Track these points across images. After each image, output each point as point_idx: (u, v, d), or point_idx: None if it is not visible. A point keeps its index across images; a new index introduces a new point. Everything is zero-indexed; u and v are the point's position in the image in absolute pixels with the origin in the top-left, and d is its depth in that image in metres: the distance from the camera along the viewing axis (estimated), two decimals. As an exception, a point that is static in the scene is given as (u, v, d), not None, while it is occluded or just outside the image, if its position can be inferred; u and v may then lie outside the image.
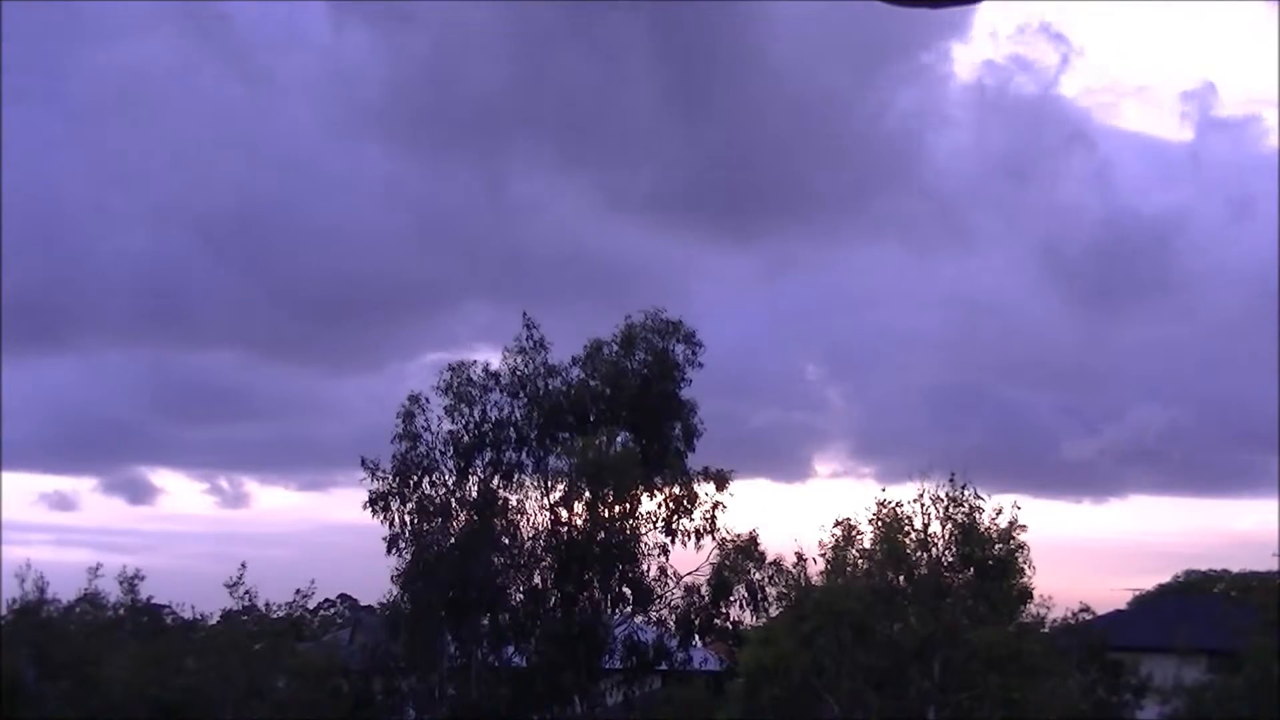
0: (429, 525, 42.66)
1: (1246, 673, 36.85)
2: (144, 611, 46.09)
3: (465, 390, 43.40)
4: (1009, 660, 33.38)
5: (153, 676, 41.16)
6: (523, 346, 44.14)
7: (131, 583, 44.42)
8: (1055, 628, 40.16)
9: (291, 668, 42.50)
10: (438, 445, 43.19)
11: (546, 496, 43.25)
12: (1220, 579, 70.50)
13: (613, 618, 43.62)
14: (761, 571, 41.66)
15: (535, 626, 42.64)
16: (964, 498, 34.98)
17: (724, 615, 43.34)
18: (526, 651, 42.75)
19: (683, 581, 43.36)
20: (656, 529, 42.96)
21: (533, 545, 42.87)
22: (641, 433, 43.45)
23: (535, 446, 43.86)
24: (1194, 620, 43.28)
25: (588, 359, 44.63)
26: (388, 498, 42.75)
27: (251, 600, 43.18)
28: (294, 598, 45.13)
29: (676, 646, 43.56)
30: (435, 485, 43.07)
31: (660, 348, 44.32)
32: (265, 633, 43.08)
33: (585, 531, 42.46)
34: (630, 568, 42.78)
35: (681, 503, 43.01)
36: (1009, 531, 34.81)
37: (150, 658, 41.65)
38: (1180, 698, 39.36)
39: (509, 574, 42.58)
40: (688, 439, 44.43)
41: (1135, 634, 47.18)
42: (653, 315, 44.58)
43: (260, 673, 41.67)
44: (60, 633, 43.96)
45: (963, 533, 34.81)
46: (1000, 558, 34.82)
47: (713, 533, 42.85)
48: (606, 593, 43.14)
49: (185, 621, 46.58)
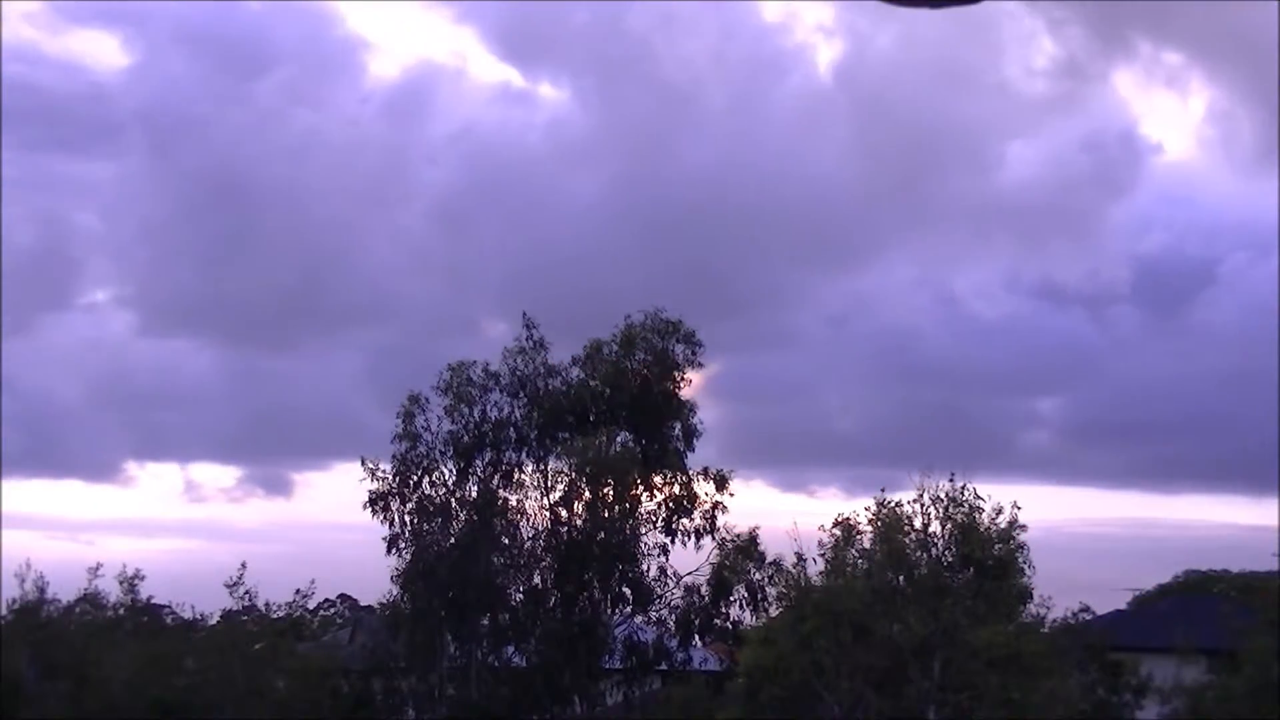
0: (429, 525, 42.67)
1: (1246, 673, 36.84)
2: (144, 611, 46.03)
3: (465, 390, 43.41)
4: (1009, 660, 33.38)
5: (153, 676, 41.13)
6: (523, 346, 44.19)
7: (131, 583, 44.41)
8: (1055, 628, 40.16)
9: (291, 668, 42.46)
10: (438, 445, 43.24)
11: (546, 497, 43.26)
12: (1220, 579, 70.41)
13: (613, 618, 43.63)
14: (761, 571, 41.71)
15: (535, 626, 42.65)
16: (964, 498, 35.00)
17: (724, 615, 43.37)
18: (526, 651, 42.74)
19: (683, 581, 43.45)
20: (656, 529, 43.03)
21: (533, 545, 42.89)
22: (641, 433, 43.47)
23: (535, 446, 43.87)
24: (1194, 620, 43.25)
25: (588, 359, 44.65)
26: (388, 498, 42.77)
27: (251, 600, 43.23)
28: (294, 598, 45.25)
29: (676, 646, 43.57)
30: (435, 485, 43.08)
31: (660, 348, 44.32)
32: (265, 633, 43.08)
33: (585, 531, 42.47)
34: (630, 568, 42.80)
35: (681, 503, 43.05)
36: (1009, 531, 34.83)
37: (150, 658, 41.60)
38: (1180, 698, 39.35)
39: (509, 574, 42.60)
40: (688, 439, 44.48)
41: (1135, 634, 47.16)
42: (653, 315, 44.62)
43: (260, 673, 41.63)
44: (60, 633, 43.92)
45: (963, 533, 34.81)
46: (1000, 558, 34.83)
47: (713, 533, 42.93)
48: (606, 593, 43.15)
49: (185, 621, 46.55)
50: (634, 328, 44.40)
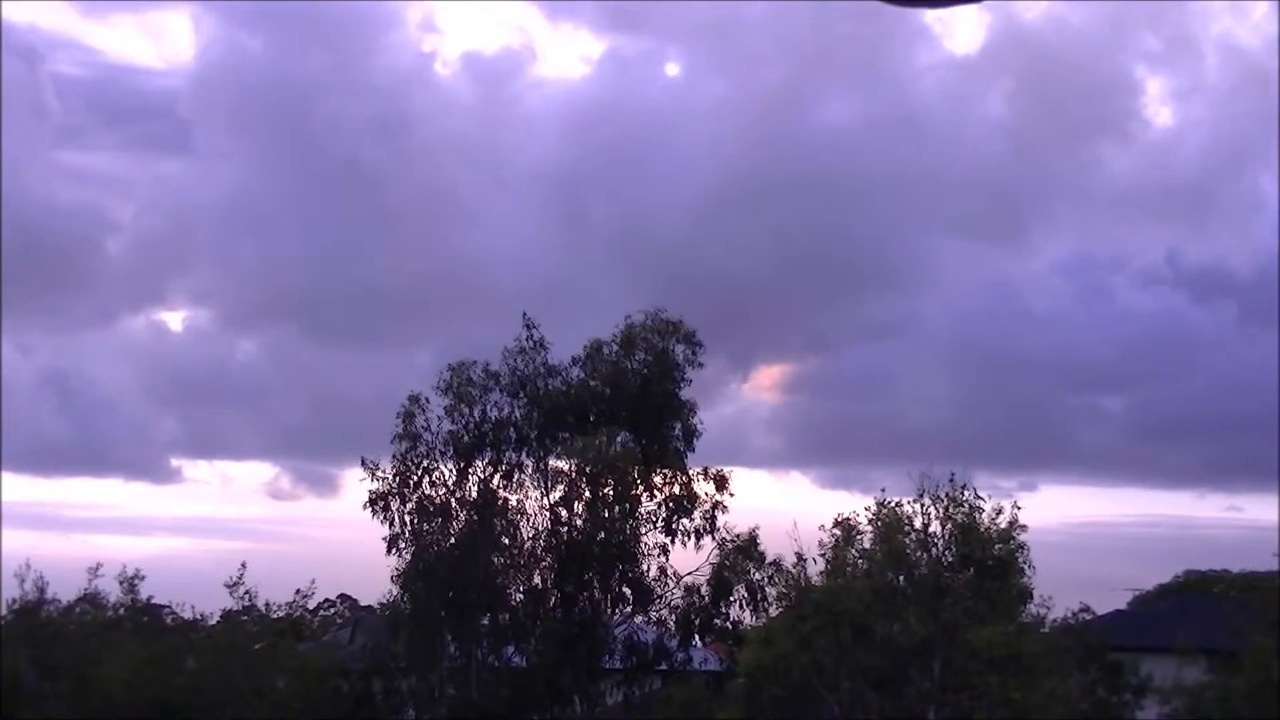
0: (429, 525, 42.67)
1: (1246, 673, 36.81)
2: (144, 611, 46.00)
3: (465, 390, 43.41)
4: (1009, 660, 33.37)
5: (153, 676, 41.08)
6: (523, 346, 44.18)
7: (131, 583, 44.40)
8: (1055, 628, 40.16)
9: (291, 668, 42.46)
10: (438, 445, 43.24)
11: (546, 496, 43.29)
12: (1220, 579, 70.40)
13: (613, 618, 43.65)
14: (761, 571, 41.72)
15: (535, 626, 42.66)
16: (964, 498, 35.01)
17: (724, 615, 43.40)
18: (526, 651, 42.75)
19: (683, 581, 43.46)
20: (656, 529, 43.04)
21: (533, 545, 42.90)
22: (641, 433, 43.44)
23: (535, 446, 43.87)
24: (1194, 620, 43.24)
25: (588, 359, 44.65)
26: (387, 498, 42.77)
27: (251, 600, 43.24)
28: (294, 598, 45.27)
29: (676, 646, 43.59)
30: (435, 485, 43.09)
31: (660, 348, 44.32)
32: (265, 633, 43.08)
33: (585, 531, 42.48)
34: (630, 568, 42.81)
35: (681, 503, 43.06)
36: (1009, 531, 34.84)
37: (150, 658, 41.58)
38: (1180, 698, 39.29)
39: (509, 574, 42.60)
40: (688, 439, 44.47)
41: (1135, 634, 47.16)
42: (653, 315, 44.62)
43: (260, 673, 41.62)
44: (60, 633, 43.89)
45: (963, 533, 34.82)
46: (1000, 558, 34.84)
47: (713, 533, 42.95)
48: (606, 593, 43.17)
49: (185, 621, 46.53)
50: (634, 328, 44.41)
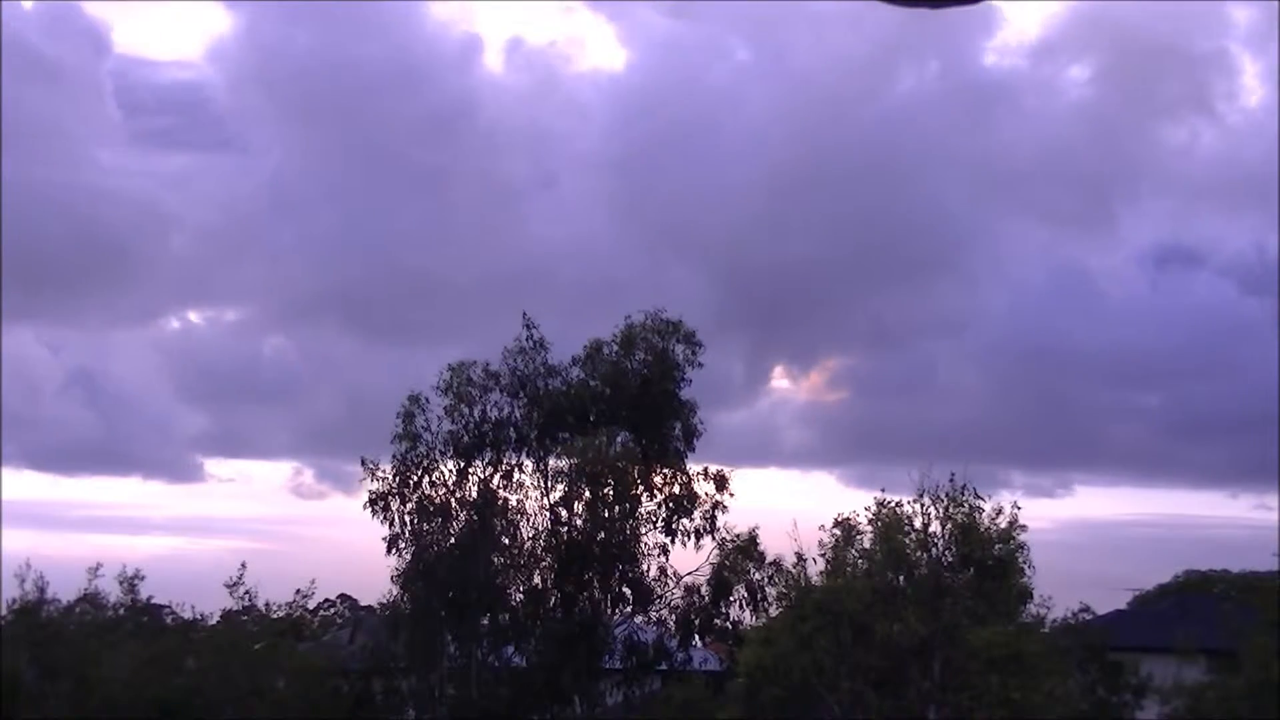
0: (429, 525, 42.66)
1: (1246, 673, 36.83)
2: (144, 611, 46.00)
3: (465, 390, 43.41)
4: (1009, 660, 33.35)
5: (153, 676, 41.11)
6: (523, 346, 44.18)
7: (131, 583, 44.38)
8: (1055, 628, 40.17)
9: (291, 668, 42.47)
10: (438, 445, 43.23)
11: (546, 497, 43.28)
12: (1220, 579, 70.43)
13: (613, 618, 43.64)
14: (761, 571, 41.73)
15: (535, 626, 42.65)
16: (964, 498, 34.99)
17: (724, 615, 43.38)
18: (526, 651, 42.74)
19: (683, 581, 43.45)
20: (656, 529, 43.03)
21: (533, 545, 42.89)
22: (641, 433, 43.44)
23: (535, 446, 43.87)
24: (1194, 620, 43.27)
25: (588, 359, 44.64)
26: (387, 498, 42.77)
27: (251, 600, 43.24)
28: (294, 598, 45.25)
29: (676, 646, 43.59)
30: (435, 485, 43.08)
31: (660, 348, 44.31)
32: (265, 633, 43.08)
33: (585, 531, 42.48)
34: (630, 568, 42.80)
35: (681, 503, 43.05)
36: (1009, 531, 34.83)
37: (150, 658, 41.60)
38: (1180, 698, 39.33)
39: (509, 574, 42.58)
40: (688, 439, 44.46)
41: (1135, 634, 47.22)
42: (653, 315, 44.62)
43: (260, 673, 41.63)
44: (60, 633, 43.87)
45: (962, 533, 34.80)
46: (1000, 558, 34.83)
47: (713, 533, 42.95)
48: (606, 593, 43.16)
49: (185, 621, 46.53)
50: (634, 327, 44.41)
